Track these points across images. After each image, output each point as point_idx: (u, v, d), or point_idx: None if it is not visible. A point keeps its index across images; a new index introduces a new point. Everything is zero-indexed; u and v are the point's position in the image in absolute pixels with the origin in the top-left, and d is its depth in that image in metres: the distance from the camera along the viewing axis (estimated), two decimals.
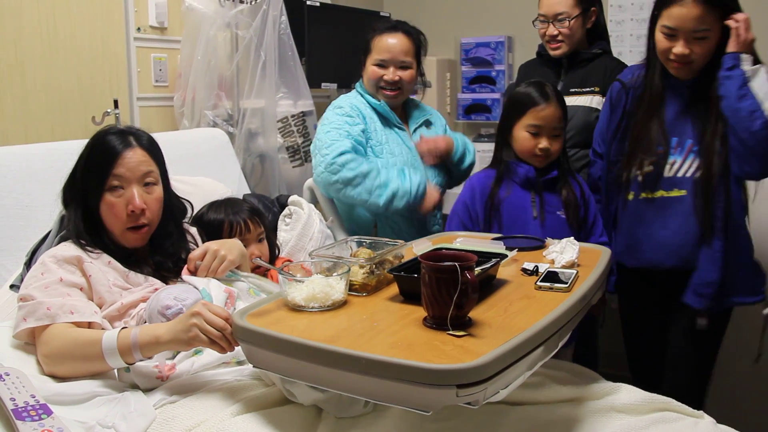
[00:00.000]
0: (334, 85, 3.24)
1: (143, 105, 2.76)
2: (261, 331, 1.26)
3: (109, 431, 1.32)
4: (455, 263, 1.19)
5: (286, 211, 2.32)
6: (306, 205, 2.30)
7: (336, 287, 1.38)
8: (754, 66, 1.78)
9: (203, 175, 2.38)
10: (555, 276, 1.51)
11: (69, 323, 1.50)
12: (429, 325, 1.25)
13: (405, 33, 2.31)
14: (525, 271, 1.58)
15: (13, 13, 2.34)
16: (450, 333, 1.21)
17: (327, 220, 2.35)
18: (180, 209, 1.86)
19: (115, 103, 2.59)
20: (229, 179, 2.53)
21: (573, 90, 2.30)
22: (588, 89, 2.30)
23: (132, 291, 1.62)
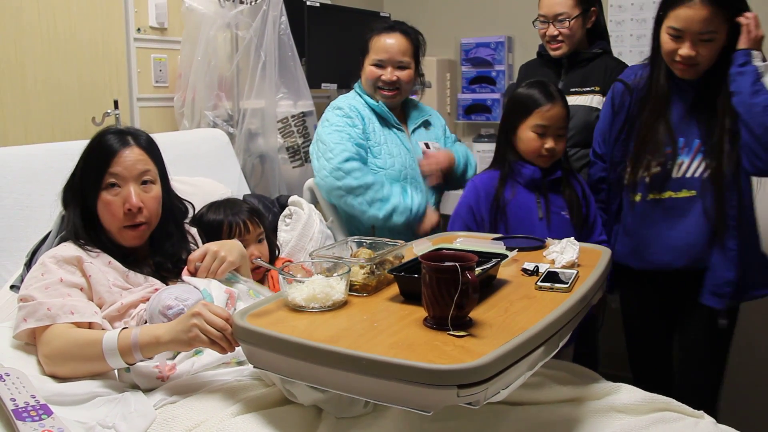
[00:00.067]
0: (334, 86, 3.24)
1: (143, 105, 2.76)
2: (261, 332, 1.26)
3: (110, 431, 1.32)
4: (456, 263, 1.19)
5: (286, 212, 2.31)
6: (306, 206, 2.30)
7: (336, 287, 1.38)
8: (764, 62, 1.78)
9: (203, 176, 2.38)
10: (555, 276, 1.51)
11: (69, 323, 1.50)
12: (429, 326, 1.25)
13: (403, 33, 2.31)
14: (525, 272, 1.58)
15: (13, 14, 2.34)
16: (450, 333, 1.21)
17: (327, 220, 2.34)
18: (180, 210, 1.86)
19: (115, 104, 2.59)
20: (229, 180, 2.53)
21: (573, 90, 2.30)
22: (588, 89, 2.30)
23: (132, 291, 1.62)
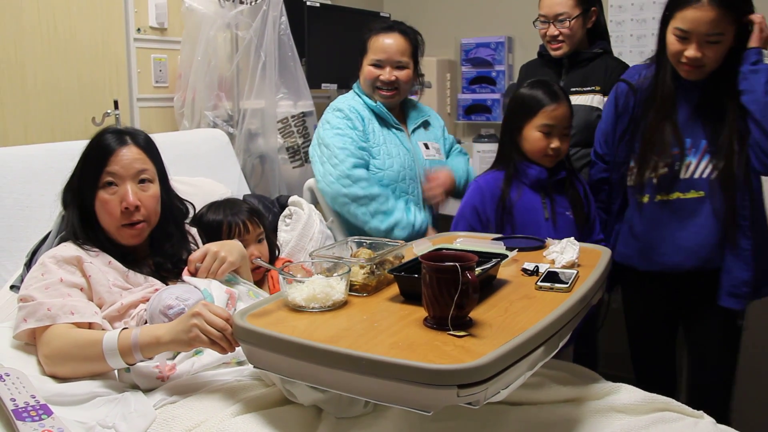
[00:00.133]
0: (334, 86, 3.24)
1: (143, 106, 2.76)
2: (261, 332, 1.26)
3: (109, 431, 1.32)
4: (456, 263, 1.19)
5: (286, 212, 2.31)
6: (306, 206, 2.30)
7: (336, 288, 1.38)
8: None
9: (203, 176, 2.38)
10: (555, 276, 1.51)
11: (69, 324, 1.50)
12: (430, 326, 1.25)
13: (401, 33, 2.31)
14: (525, 272, 1.58)
15: (13, 14, 2.34)
16: (451, 333, 1.21)
17: (327, 220, 2.34)
18: (181, 210, 1.86)
19: (115, 104, 2.59)
20: (229, 180, 2.53)
21: (574, 89, 2.30)
22: (589, 89, 2.30)
23: (132, 291, 1.62)
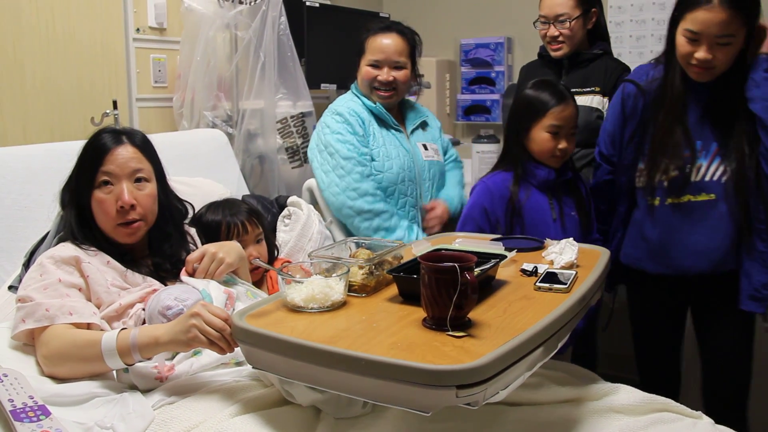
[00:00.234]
0: (333, 86, 3.24)
1: (142, 106, 2.76)
2: (260, 332, 1.25)
3: None
4: (455, 264, 1.19)
5: (285, 212, 2.31)
6: (305, 206, 2.30)
7: (335, 288, 1.38)
8: None
9: (202, 176, 2.38)
10: (554, 277, 1.51)
11: (68, 324, 1.50)
12: (428, 326, 1.25)
13: (399, 33, 2.30)
14: (524, 272, 1.58)
15: (12, 14, 2.33)
16: (449, 334, 1.20)
17: (326, 220, 2.34)
18: (180, 211, 1.86)
19: (114, 104, 2.59)
20: (228, 180, 2.53)
21: (574, 90, 2.29)
22: (589, 89, 2.30)
23: (130, 291, 1.62)
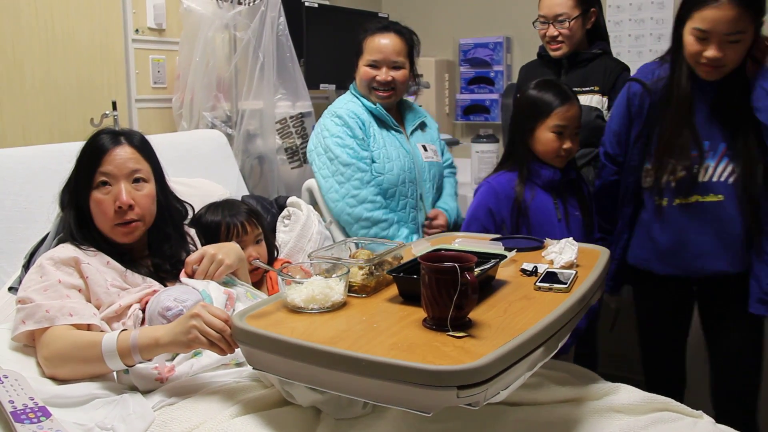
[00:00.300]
0: (332, 86, 3.24)
1: (141, 107, 2.75)
2: (260, 333, 1.25)
3: None
4: (455, 264, 1.19)
5: (284, 213, 2.31)
6: (305, 207, 2.30)
7: (335, 288, 1.38)
8: None
9: (202, 177, 2.38)
10: (554, 276, 1.51)
11: (68, 325, 1.50)
12: (429, 326, 1.25)
13: (397, 33, 2.30)
14: (524, 272, 1.58)
15: (11, 14, 2.33)
16: (450, 334, 1.20)
17: (326, 221, 2.34)
18: (179, 211, 1.86)
19: (114, 105, 2.58)
20: (228, 181, 2.53)
21: (573, 90, 2.30)
22: (588, 89, 2.30)
23: (130, 291, 1.62)
